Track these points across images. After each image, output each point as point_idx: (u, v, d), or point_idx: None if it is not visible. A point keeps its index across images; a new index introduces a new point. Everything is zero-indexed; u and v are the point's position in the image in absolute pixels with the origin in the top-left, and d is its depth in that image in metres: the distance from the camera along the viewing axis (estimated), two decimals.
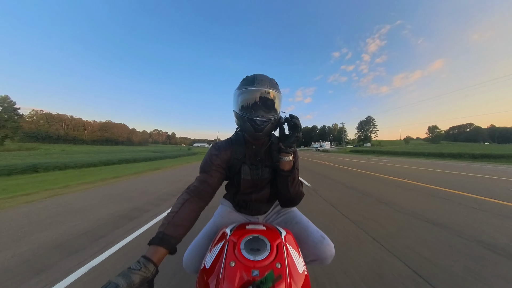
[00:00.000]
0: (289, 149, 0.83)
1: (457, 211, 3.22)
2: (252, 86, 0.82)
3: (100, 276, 1.62)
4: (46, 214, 3.17)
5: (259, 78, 0.84)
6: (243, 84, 0.86)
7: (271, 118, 0.82)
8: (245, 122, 0.83)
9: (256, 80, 0.83)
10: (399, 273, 1.62)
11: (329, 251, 0.88)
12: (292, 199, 0.94)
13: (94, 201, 3.96)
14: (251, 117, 0.81)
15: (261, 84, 0.82)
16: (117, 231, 2.51)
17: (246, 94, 0.83)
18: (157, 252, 0.62)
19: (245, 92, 0.83)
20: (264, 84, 0.83)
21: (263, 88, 0.82)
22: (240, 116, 0.84)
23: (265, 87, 0.82)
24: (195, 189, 0.82)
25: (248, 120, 0.81)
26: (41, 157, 13.41)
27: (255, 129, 0.82)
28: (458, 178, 6.69)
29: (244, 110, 0.84)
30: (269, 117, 0.82)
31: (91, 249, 2.06)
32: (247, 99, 0.84)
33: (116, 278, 0.50)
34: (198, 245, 0.88)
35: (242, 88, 0.85)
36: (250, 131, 0.84)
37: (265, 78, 0.85)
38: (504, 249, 2.00)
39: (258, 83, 0.82)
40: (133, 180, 6.53)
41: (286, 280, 0.57)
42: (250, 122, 0.81)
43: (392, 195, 4.30)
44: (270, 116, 0.82)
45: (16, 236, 2.41)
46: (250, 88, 0.82)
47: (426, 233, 2.41)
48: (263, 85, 0.82)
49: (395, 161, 15.91)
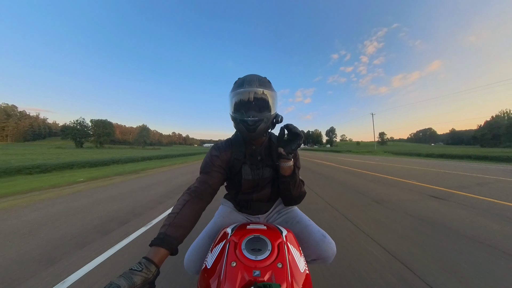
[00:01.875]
0: (289, 155, 0.83)
1: (361, 180, 6.38)
2: (241, 88, 0.83)
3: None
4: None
5: (248, 78, 0.85)
6: (234, 86, 0.87)
7: (263, 117, 0.82)
8: (238, 123, 0.84)
9: (245, 81, 0.84)
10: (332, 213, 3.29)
11: (330, 250, 0.88)
12: (295, 199, 0.97)
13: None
14: (242, 118, 0.81)
15: (250, 85, 0.83)
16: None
17: (237, 96, 0.84)
18: (159, 253, 0.62)
19: (236, 94, 0.84)
20: (253, 84, 0.83)
21: (252, 88, 0.82)
22: (233, 118, 0.86)
23: (254, 87, 0.82)
24: (195, 190, 0.82)
25: (241, 121, 0.82)
26: (155, 152, 25.68)
27: (248, 130, 0.82)
28: (369, 164, 12.19)
29: (236, 112, 0.85)
30: (261, 116, 0.82)
31: (166, 203, 3.80)
32: (238, 101, 0.84)
33: (117, 279, 0.50)
34: (199, 246, 0.89)
35: (234, 90, 0.86)
36: (243, 132, 0.85)
37: (255, 78, 0.86)
38: (375, 198, 4.13)
39: (247, 84, 0.83)
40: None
41: (287, 278, 0.57)
42: (242, 123, 0.82)
43: (329, 172, 8.47)
44: (262, 116, 0.82)
45: (131, 193, 4.58)
46: (239, 90, 0.83)
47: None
48: (252, 85, 0.83)
49: (338, 155, 27.78)
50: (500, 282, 1.50)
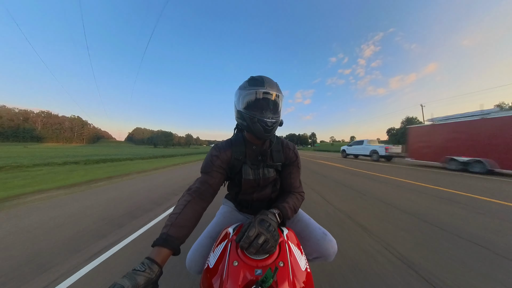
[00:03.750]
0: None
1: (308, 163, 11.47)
2: (262, 88, 0.82)
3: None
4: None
5: (268, 80, 0.85)
6: (251, 84, 0.85)
7: (278, 119, 0.85)
8: (254, 122, 0.83)
9: (265, 82, 0.84)
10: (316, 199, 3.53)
11: (331, 247, 0.89)
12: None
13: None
14: (262, 118, 0.81)
15: (271, 87, 0.84)
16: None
17: (257, 95, 0.83)
18: (161, 253, 0.62)
19: (256, 93, 0.83)
20: (274, 87, 0.85)
21: (273, 91, 0.83)
22: (249, 116, 0.84)
23: (274, 90, 0.84)
24: (196, 190, 0.83)
25: (259, 121, 0.82)
26: (196, 150, 57.19)
27: (265, 130, 0.83)
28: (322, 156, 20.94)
29: (253, 110, 0.84)
30: (277, 118, 0.85)
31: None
32: (257, 100, 0.84)
33: (121, 279, 0.50)
34: (201, 245, 0.89)
35: (252, 88, 0.83)
36: (259, 131, 0.84)
37: (273, 82, 0.87)
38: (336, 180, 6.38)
39: (269, 86, 0.83)
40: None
41: (289, 277, 0.58)
42: (260, 123, 0.82)
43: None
44: (277, 118, 0.85)
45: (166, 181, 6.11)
46: (261, 90, 0.82)
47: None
48: (272, 88, 0.84)
49: (312, 152, 37.49)
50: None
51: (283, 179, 1.01)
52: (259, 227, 0.65)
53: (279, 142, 1.01)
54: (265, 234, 0.63)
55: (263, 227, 0.65)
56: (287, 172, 1.00)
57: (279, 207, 0.84)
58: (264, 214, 0.73)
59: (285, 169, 1.00)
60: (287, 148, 1.00)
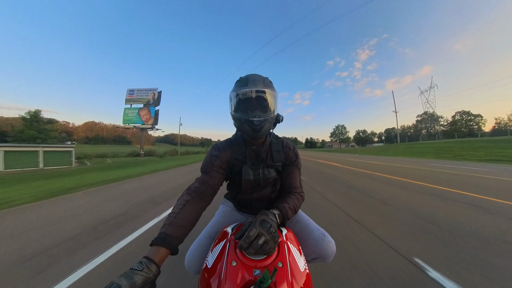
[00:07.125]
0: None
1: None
2: (246, 87, 0.81)
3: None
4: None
5: (252, 78, 0.83)
6: (237, 85, 0.85)
7: (267, 117, 0.82)
8: (242, 123, 0.82)
9: (249, 80, 0.82)
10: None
11: (330, 248, 0.88)
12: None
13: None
14: (248, 118, 0.80)
15: (254, 84, 0.81)
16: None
17: (241, 95, 0.82)
18: (159, 253, 0.62)
19: (240, 93, 0.82)
20: (258, 83, 0.82)
21: (257, 88, 0.81)
22: (237, 118, 0.84)
23: (259, 87, 0.81)
24: (196, 190, 0.82)
25: (246, 121, 0.81)
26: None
27: (253, 130, 0.81)
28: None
29: (240, 112, 0.83)
30: (266, 116, 0.81)
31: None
32: (242, 100, 0.83)
33: (118, 278, 0.50)
34: (200, 245, 0.89)
35: (237, 89, 0.83)
36: (248, 132, 0.83)
37: (258, 78, 0.84)
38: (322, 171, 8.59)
39: (252, 83, 0.81)
40: None
41: (288, 277, 0.57)
42: (247, 123, 0.81)
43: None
44: (266, 116, 0.82)
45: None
46: (244, 89, 0.81)
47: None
48: (256, 85, 0.81)
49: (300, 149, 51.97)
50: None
51: (283, 179, 1.01)
52: (260, 228, 0.63)
53: (279, 142, 1.00)
54: (266, 235, 0.62)
55: (264, 228, 0.64)
56: (287, 172, 0.99)
57: (279, 207, 0.83)
58: (265, 215, 0.71)
59: (285, 169, 1.00)
60: (287, 148, 0.99)
